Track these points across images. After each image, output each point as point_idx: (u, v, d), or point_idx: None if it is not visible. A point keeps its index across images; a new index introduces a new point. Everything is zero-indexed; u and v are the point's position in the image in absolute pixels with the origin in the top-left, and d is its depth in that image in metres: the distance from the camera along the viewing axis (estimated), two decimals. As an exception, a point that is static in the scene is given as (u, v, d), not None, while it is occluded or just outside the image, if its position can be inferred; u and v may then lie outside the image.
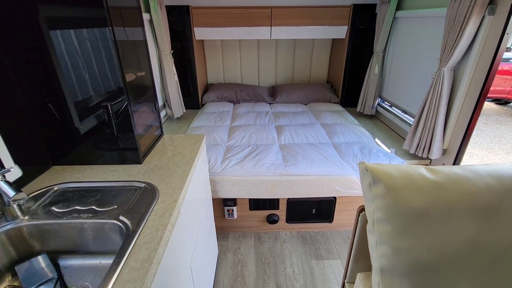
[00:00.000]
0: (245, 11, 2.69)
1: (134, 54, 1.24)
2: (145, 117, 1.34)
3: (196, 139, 1.49)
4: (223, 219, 2.10)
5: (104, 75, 1.11)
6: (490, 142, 4.42)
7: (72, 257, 0.94)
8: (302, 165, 1.86)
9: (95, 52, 1.06)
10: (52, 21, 1.02)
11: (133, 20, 1.22)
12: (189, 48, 2.82)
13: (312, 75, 3.50)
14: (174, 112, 2.68)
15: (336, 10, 2.72)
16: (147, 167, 1.20)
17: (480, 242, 0.76)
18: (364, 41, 2.81)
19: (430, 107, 1.78)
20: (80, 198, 0.99)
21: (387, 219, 0.81)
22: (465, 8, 1.48)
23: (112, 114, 1.16)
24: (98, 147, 1.23)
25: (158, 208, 0.92)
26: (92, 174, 1.15)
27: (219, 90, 3.18)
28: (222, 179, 1.85)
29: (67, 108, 1.14)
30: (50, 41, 1.04)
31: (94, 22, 1.01)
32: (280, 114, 2.75)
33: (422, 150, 1.87)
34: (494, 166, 0.85)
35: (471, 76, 1.63)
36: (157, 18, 2.24)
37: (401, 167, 0.86)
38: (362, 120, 2.76)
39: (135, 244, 0.77)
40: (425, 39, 2.08)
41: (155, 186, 1.04)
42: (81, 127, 1.19)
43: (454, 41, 1.56)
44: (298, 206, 2.05)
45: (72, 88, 1.11)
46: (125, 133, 1.19)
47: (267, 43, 3.29)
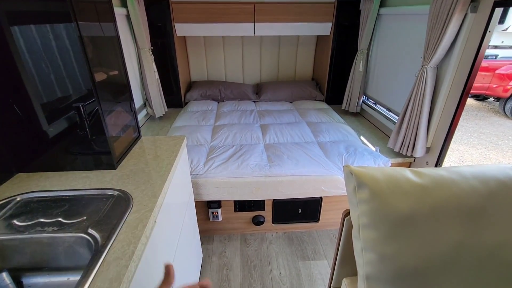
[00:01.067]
0: (228, 6, 2.61)
1: (105, 51, 1.15)
2: (120, 118, 1.26)
3: (176, 141, 1.42)
4: (208, 222, 2.04)
5: (74, 75, 1.03)
6: (470, 137, 4.55)
7: (37, 274, 0.86)
8: (288, 166, 1.82)
9: (62, 49, 0.98)
10: (13, 15, 0.93)
11: (103, 15, 1.13)
12: (170, 44, 2.72)
13: (297, 73, 3.47)
14: (156, 111, 2.58)
15: (320, 7, 2.69)
16: (122, 172, 1.12)
17: (466, 245, 0.74)
18: (348, 38, 2.80)
19: (414, 105, 1.78)
20: (45, 209, 0.91)
21: (372, 225, 0.78)
22: (448, 6, 1.47)
23: (85, 116, 1.08)
24: (69, 152, 1.14)
25: (131, 218, 0.86)
26: (61, 181, 1.07)
27: (202, 88, 3.10)
28: (205, 181, 1.79)
29: (33, 110, 1.05)
30: (11, 38, 0.94)
31: (58, 17, 0.93)
32: (265, 113, 2.71)
33: (406, 149, 1.87)
34: (479, 168, 0.84)
35: (453, 74, 1.64)
36: (135, 13, 2.13)
37: (386, 170, 0.84)
38: (347, 118, 2.76)
39: (103, 260, 0.71)
40: (408, 37, 2.08)
41: (129, 194, 0.97)
42: (50, 130, 1.10)
43: (437, 39, 1.56)
44: (284, 207, 2.02)
45: (38, 88, 1.02)
46: (98, 136, 1.11)
47: (252, 40, 3.22)
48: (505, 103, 5.32)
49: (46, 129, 1.09)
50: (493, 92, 5.49)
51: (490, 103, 6.25)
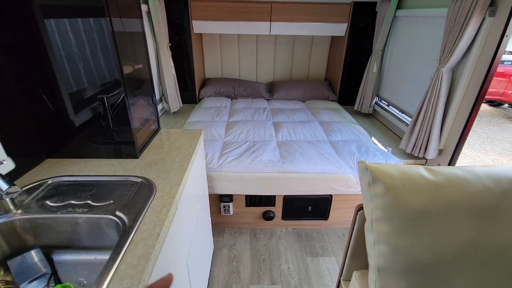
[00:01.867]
0: (245, 5, 2.66)
1: (131, 46, 1.21)
2: (142, 110, 1.32)
3: (194, 134, 1.47)
4: (219, 215, 2.09)
5: (100, 67, 1.08)
6: (483, 143, 4.48)
7: (66, 252, 0.93)
8: (300, 163, 1.86)
9: (92, 43, 1.03)
10: (48, 9, 0.99)
11: (131, 11, 1.19)
12: (187, 41, 2.78)
13: (311, 73, 3.49)
14: (171, 106, 2.65)
15: (336, 7, 2.70)
16: (144, 161, 1.18)
17: (477, 242, 0.76)
18: (363, 39, 2.80)
19: (428, 107, 1.78)
20: (75, 192, 0.97)
21: (385, 219, 0.81)
22: (466, 9, 1.48)
23: (108, 107, 1.13)
24: (93, 141, 1.20)
25: (155, 203, 0.91)
26: (87, 168, 1.13)
27: (216, 85, 3.15)
28: (219, 175, 1.84)
29: (61, 100, 1.11)
30: (45, 31, 1.00)
31: (92, 11, 0.98)
32: (278, 111, 2.74)
33: (419, 150, 1.88)
34: (492, 168, 0.86)
35: (469, 77, 1.64)
36: (155, 10, 2.19)
37: (400, 167, 0.86)
38: (359, 119, 2.77)
39: (132, 240, 0.76)
40: (424, 39, 2.08)
41: (152, 181, 1.02)
42: (76, 120, 1.17)
43: (454, 42, 1.56)
44: (294, 203, 2.06)
45: (67, 79, 1.08)
46: (121, 127, 1.17)
47: (266, 39, 3.26)
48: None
49: (72, 119, 1.15)
50: (508, 98, 5.39)
51: (505, 109, 6.12)
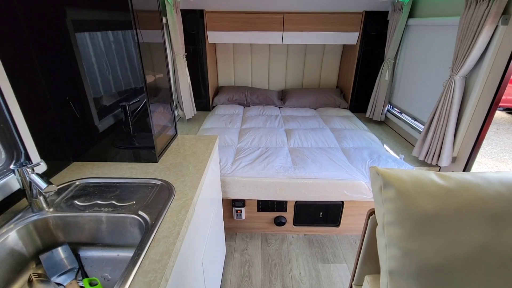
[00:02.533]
0: (258, 16, 2.75)
1: (154, 56, 1.29)
2: (161, 117, 1.39)
3: (209, 140, 1.53)
4: (232, 220, 2.13)
5: (124, 76, 1.16)
6: (501, 151, 4.35)
7: (92, 248, 0.99)
8: (311, 169, 1.88)
9: (118, 53, 1.11)
10: (78, 23, 1.08)
11: (154, 23, 1.27)
12: (201, 51, 2.89)
13: (322, 80, 3.53)
14: (186, 113, 2.73)
15: (348, 17, 2.75)
16: (163, 165, 1.24)
17: (489, 247, 0.77)
18: (375, 48, 2.83)
19: (441, 114, 1.78)
20: (100, 193, 1.04)
21: (397, 222, 0.83)
22: (479, 18, 1.49)
23: (129, 114, 1.21)
24: (116, 145, 1.28)
25: (174, 204, 0.96)
26: (110, 170, 1.20)
27: (229, 92, 3.23)
28: (232, 180, 1.89)
29: (88, 107, 1.19)
30: (76, 43, 1.09)
31: (119, 25, 1.06)
32: (290, 118, 2.78)
33: (432, 157, 1.88)
34: (505, 174, 0.87)
35: (482, 85, 1.64)
36: (173, 22, 2.30)
37: (411, 172, 0.89)
38: (371, 126, 2.77)
39: (154, 237, 0.81)
40: (437, 47, 2.09)
41: (171, 184, 1.08)
42: (100, 125, 1.25)
43: (467, 50, 1.57)
44: (306, 209, 2.07)
45: (94, 88, 1.16)
46: (141, 132, 1.24)
47: (278, 47, 3.33)
48: (541, 118, 5.05)
49: (97, 124, 1.23)
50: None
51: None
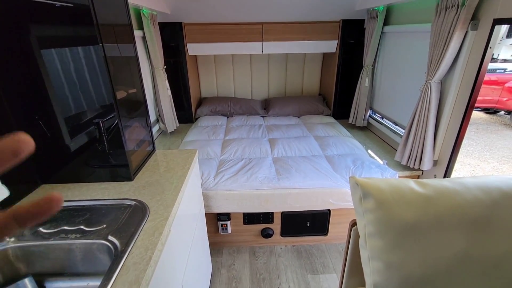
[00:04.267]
0: (237, 27, 2.75)
1: (125, 70, 1.25)
2: (137, 133, 1.34)
3: (189, 154, 1.48)
4: (217, 234, 2.07)
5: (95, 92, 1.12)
6: (482, 150, 4.49)
7: (59, 279, 0.92)
8: (295, 178, 1.86)
9: (87, 69, 1.07)
10: (44, 40, 1.03)
11: (124, 37, 1.23)
12: (182, 63, 2.86)
13: (305, 88, 3.56)
14: (167, 127, 2.68)
15: (326, 26, 2.80)
16: (138, 184, 1.19)
17: (471, 255, 0.76)
18: (354, 55, 2.88)
19: (420, 119, 1.81)
20: (68, 217, 0.98)
21: (378, 234, 0.81)
22: (449, 24, 1.53)
23: (103, 131, 1.16)
24: (89, 164, 1.22)
25: (148, 226, 0.91)
26: (81, 192, 1.14)
27: (212, 104, 3.20)
28: (215, 194, 1.84)
29: (57, 125, 1.13)
30: (41, 59, 1.04)
31: (85, 39, 1.02)
32: (273, 127, 2.77)
33: (414, 161, 1.89)
34: (482, 179, 0.86)
35: (457, 88, 1.67)
36: (150, 35, 2.27)
37: (390, 180, 0.87)
38: (354, 132, 2.79)
39: (123, 265, 0.76)
40: (412, 53, 2.14)
41: (146, 204, 1.03)
42: (72, 144, 1.19)
43: (440, 55, 1.61)
44: (293, 219, 2.04)
45: (63, 105, 1.11)
46: (116, 150, 1.19)
47: (260, 57, 3.34)
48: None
49: (68, 143, 1.17)
50: (503, 106, 5.45)
51: (501, 116, 6.17)
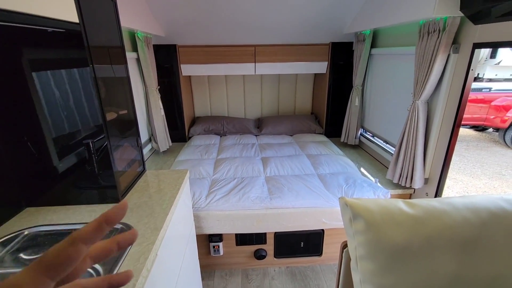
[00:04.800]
0: (230, 49, 2.83)
1: (117, 91, 1.26)
2: (127, 153, 1.33)
3: (179, 174, 1.47)
4: (209, 256, 2.01)
5: (85, 113, 1.12)
6: (473, 167, 4.54)
7: (38, 309, 0.87)
8: (288, 198, 1.84)
9: (77, 90, 1.08)
10: (35, 62, 1.04)
11: (116, 59, 1.25)
12: (176, 83, 2.90)
13: (297, 107, 3.61)
14: (160, 146, 2.67)
15: (316, 48, 2.89)
16: (126, 206, 1.16)
17: (462, 277, 0.75)
18: (344, 75, 2.97)
19: (409, 138, 1.84)
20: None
21: (369, 256, 0.79)
22: (432, 47, 1.60)
23: (93, 152, 1.14)
24: (77, 186, 1.19)
25: (133, 251, 0.88)
26: (67, 215, 1.10)
27: (206, 123, 3.22)
28: (207, 214, 1.80)
29: (45, 147, 1.12)
30: (32, 82, 1.05)
31: (76, 61, 1.04)
32: (266, 146, 2.78)
33: (405, 180, 1.90)
34: (470, 199, 0.87)
35: (443, 108, 1.72)
36: (144, 57, 2.31)
37: (380, 201, 0.87)
38: (346, 150, 2.82)
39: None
40: (399, 74, 2.21)
41: (132, 227, 1.00)
42: (60, 165, 1.17)
43: (425, 77, 1.67)
44: (286, 240, 2.00)
45: (53, 126, 1.10)
46: (105, 170, 1.17)
47: (253, 77, 3.41)
48: (505, 133, 5.39)
49: (56, 165, 1.16)
50: (491, 123, 5.59)
51: (490, 134, 6.31)
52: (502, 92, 5.65)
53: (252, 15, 2.45)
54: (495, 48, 5.93)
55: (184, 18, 2.44)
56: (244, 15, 2.45)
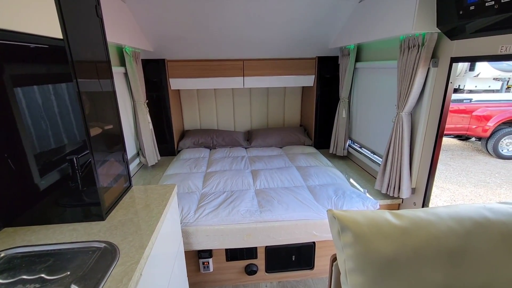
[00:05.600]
0: (219, 63, 2.87)
1: (102, 106, 1.24)
2: (113, 168, 1.30)
3: (166, 189, 1.44)
4: (198, 273, 1.95)
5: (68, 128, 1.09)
6: (458, 175, 4.65)
7: (12, 338, 0.82)
8: (278, 211, 1.83)
9: (60, 105, 1.06)
10: (17, 78, 1.02)
11: (101, 73, 1.24)
12: (165, 97, 2.89)
13: (286, 120, 3.65)
14: (148, 160, 2.63)
15: (303, 62, 2.96)
16: (110, 223, 1.13)
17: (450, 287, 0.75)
18: (331, 88, 3.03)
19: (395, 149, 1.87)
20: (29, 265, 0.90)
21: (358, 269, 0.79)
22: (412, 61, 1.66)
23: (77, 168, 1.11)
24: (59, 204, 1.15)
25: (116, 271, 0.85)
26: (47, 235, 1.06)
27: (195, 136, 3.20)
28: (195, 230, 1.76)
29: (26, 164, 1.08)
30: (14, 97, 1.02)
31: (59, 77, 1.02)
32: (256, 158, 2.78)
33: (393, 190, 1.92)
34: (454, 208, 0.88)
35: (426, 119, 1.77)
36: (132, 72, 2.30)
37: (367, 213, 0.87)
38: (335, 161, 2.84)
39: (85, 318, 0.69)
40: (383, 87, 2.28)
41: (116, 246, 0.97)
42: (42, 183, 1.13)
43: (407, 90, 1.72)
44: (277, 254, 1.97)
45: (34, 142, 1.07)
46: (89, 187, 1.14)
47: (241, 90, 3.44)
48: (487, 142, 5.57)
49: (37, 182, 1.12)
50: (473, 133, 5.77)
51: (473, 143, 6.51)
52: (482, 102, 5.88)
53: (240, 32, 2.50)
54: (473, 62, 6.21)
55: (172, 33, 2.47)
56: (231, 32, 2.50)
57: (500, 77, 7.54)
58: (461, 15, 1.30)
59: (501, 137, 5.41)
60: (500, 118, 5.46)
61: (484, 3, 1.17)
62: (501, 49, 1.27)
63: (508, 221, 0.80)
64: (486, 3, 1.16)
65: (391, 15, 1.77)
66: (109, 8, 1.76)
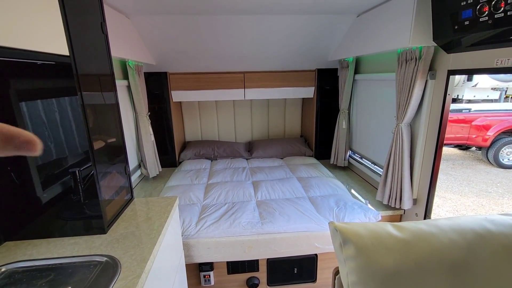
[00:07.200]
0: (219, 76, 2.91)
1: (105, 119, 1.26)
2: (114, 181, 1.31)
3: (168, 202, 1.44)
4: (199, 287, 1.93)
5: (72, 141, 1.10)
6: (460, 185, 4.63)
7: None
8: (279, 222, 1.82)
9: (66, 118, 1.07)
10: (23, 93, 1.04)
11: (105, 86, 1.27)
12: (166, 109, 2.93)
13: (287, 130, 3.67)
14: (150, 172, 2.63)
15: (303, 74, 3.01)
16: (112, 237, 1.12)
17: (454, 302, 0.74)
18: (330, 100, 3.06)
19: (395, 160, 1.88)
20: (30, 280, 0.89)
21: (361, 283, 0.78)
22: (410, 74, 1.69)
23: (79, 181, 1.12)
24: (61, 217, 1.15)
25: (118, 286, 0.84)
26: (49, 249, 1.06)
27: (196, 147, 3.22)
28: (196, 242, 1.75)
29: (29, 177, 1.09)
30: (19, 111, 1.04)
31: (64, 90, 1.05)
32: (257, 169, 2.78)
33: (394, 201, 1.92)
34: (455, 220, 0.88)
35: (426, 130, 1.79)
36: (135, 84, 2.34)
37: (368, 225, 0.87)
38: (336, 172, 2.84)
39: (86, 335, 0.68)
40: (383, 98, 2.31)
41: (118, 260, 0.97)
42: (44, 196, 1.13)
43: (406, 101, 1.74)
44: (279, 266, 1.95)
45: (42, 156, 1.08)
46: (91, 200, 1.14)
47: (242, 102, 3.48)
48: (487, 152, 5.57)
49: (40, 195, 1.12)
50: (473, 142, 5.78)
51: (473, 152, 6.51)
52: (481, 112, 5.92)
53: (241, 47, 2.56)
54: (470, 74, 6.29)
55: (174, 48, 2.53)
56: (233, 47, 2.56)
57: (498, 87, 7.61)
58: (456, 29, 1.34)
59: (501, 147, 5.42)
60: (500, 128, 5.48)
61: (478, 18, 1.21)
62: (497, 62, 1.29)
63: (510, 233, 0.80)
64: (480, 18, 1.20)
65: (388, 29, 1.81)
66: (114, 24, 1.81)
